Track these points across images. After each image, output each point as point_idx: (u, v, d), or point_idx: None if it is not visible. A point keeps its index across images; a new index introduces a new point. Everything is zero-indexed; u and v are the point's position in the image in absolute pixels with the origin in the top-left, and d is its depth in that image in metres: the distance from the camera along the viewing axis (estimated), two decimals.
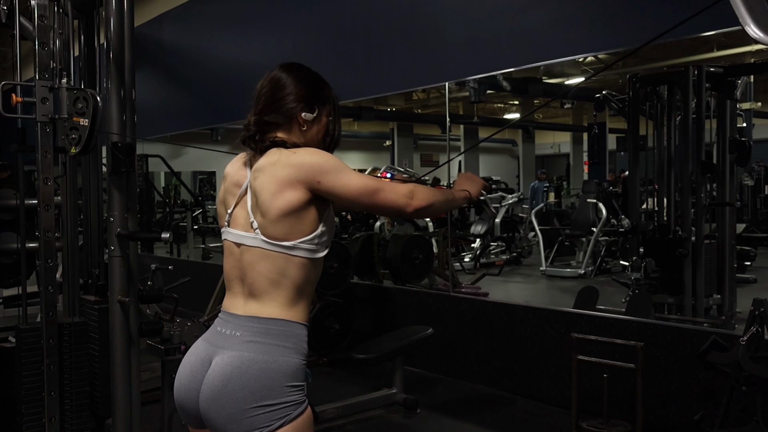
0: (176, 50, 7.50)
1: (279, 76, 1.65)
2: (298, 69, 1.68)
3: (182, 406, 1.59)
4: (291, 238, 1.53)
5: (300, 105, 1.63)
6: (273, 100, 1.63)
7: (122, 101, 2.74)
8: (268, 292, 1.54)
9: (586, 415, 3.53)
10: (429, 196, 1.63)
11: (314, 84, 1.68)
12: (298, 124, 1.64)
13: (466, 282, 6.36)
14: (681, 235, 4.64)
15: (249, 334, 1.52)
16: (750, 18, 1.21)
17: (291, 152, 1.57)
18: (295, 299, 1.55)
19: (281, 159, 1.55)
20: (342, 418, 3.76)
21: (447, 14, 4.57)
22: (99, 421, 3.30)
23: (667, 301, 4.66)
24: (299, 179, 1.52)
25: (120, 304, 2.73)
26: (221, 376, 1.49)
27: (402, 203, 1.58)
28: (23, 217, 2.98)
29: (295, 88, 1.63)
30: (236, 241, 1.60)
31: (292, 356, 1.52)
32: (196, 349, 1.61)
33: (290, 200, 1.52)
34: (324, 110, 1.68)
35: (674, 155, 4.86)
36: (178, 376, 1.60)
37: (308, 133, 1.66)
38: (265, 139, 1.61)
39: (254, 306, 1.55)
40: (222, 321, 1.60)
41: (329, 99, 1.69)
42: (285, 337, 1.53)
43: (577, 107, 12.46)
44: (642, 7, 3.55)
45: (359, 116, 11.45)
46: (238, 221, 1.61)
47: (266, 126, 1.62)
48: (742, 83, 4.97)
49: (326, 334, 4.80)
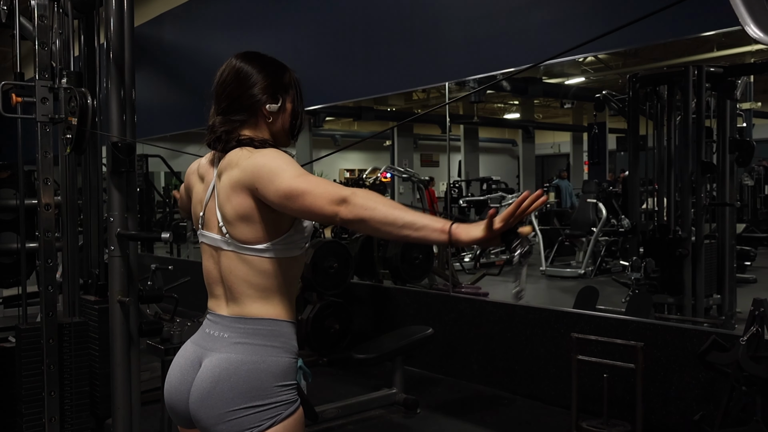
0: (176, 50, 7.50)
1: (239, 67, 1.57)
2: (257, 57, 1.60)
3: (172, 408, 1.58)
4: (261, 241, 1.49)
5: (264, 96, 1.55)
6: (237, 94, 1.55)
7: (122, 101, 2.74)
8: (248, 294, 1.52)
9: (586, 415, 3.53)
10: (369, 208, 1.32)
11: (275, 71, 1.59)
12: (264, 117, 1.57)
13: (466, 282, 6.35)
14: (681, 235, 4.64)
15: (236, 336, 1.50)
16: (750, 18, 1.21)
17: (249, 153, 1.50)
18: (277, 298, 1.53)
19: (239, 160, 1.50)
20: (342, 418, 3.76)
21: (447, 14, 4.57)
22: (99, 421, 3.31)
23: (667, 301, 4.66)
24: (245, 184, 1.47)
25: (120, 304, 2.73)
26: (210, 377, 1.48)
27: (328, 211, 1.36)
28: (23, 217, 2.98)
29: (258, 78, 1.55)
30: (211, 245, 1.57)
31: (281, 355, 1.50)
32: (185, 351, 1.60)
33: (241, 204, 1.48)
34: (288, 97, 1.60)
35: (674, 155, 4.86)
36: (168, 378, 1.59)
37: (274, 125, 1.58)
38: (230, 139, 1.54)
39: (237, 307, 1.53)
40: (209, 322, 1.58)
41: (290, 84, 1.60)
42: (273, 337, 1.51)
43: (577, 107, 12.45)
44: (642, 7, 3.55)
45: (359, 116, 11.44)
46: (210, 224, 1.57)
47: (231, 124, 1.55)
48: (742, 83, 4.97)
49: (326, 334, 4.80)
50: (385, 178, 8.79)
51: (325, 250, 4.76)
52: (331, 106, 7.83)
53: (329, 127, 13.55)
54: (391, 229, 1.32)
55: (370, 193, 1.36)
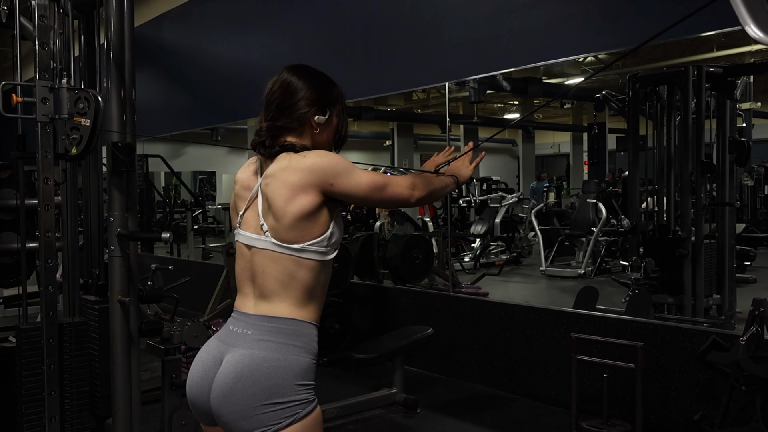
0: (176, 50, 7.50)
1: (289, 80, 1.65)
2: (307, 71, 1.69)
3: (194, 404, 1.61)
4: (301, 240, 1.54)
5: (312, 109, 1.64)
6: (285, 105, 1.63)
7: (122, 101, 2.75)
8: (278, 293, 1.55)
9: (586, 415, 3.53)
10: (427, 185, 1.70)
11: (324, 86, 1.69)
12: (311, 128, 1.65)
13: (466, 282, 6.35)
14: (681, 235, 4.64)
15: (260, 333, 1.54)
16: (750, 18, 1.21)
17: (301, 156, 1.57)
18: (305, 300, 1.57)
19: (291, 164, 1.56)
20: (342, 418, 3.76)
21: (447, 14, 4.57)
22: (99, 421, 3.31)
23: (667, 301, 4.66)
24: (312, 183, 1.53)
25: (120, 304, 2.73)
26: (232, 373, 1.50)
27: (406, 195, 1.64)
28: (23, 217, 2.98)
29: (307, 92, 1.64)
30: (247, 243, 1.62)
31: (303, 355, 1.53)
32: (208, 347, 1.63)
33: (304, 204, 1.53)
34: (334, 111, 1.69)
35: (674, 155, 4.86)
36: (190, 374, 1.62)
37: (320, 136, 1.67)
38: (274, 144, 1.62)
39: (265, 306, 1.56)
40: (234, 320, 1.62)
41: (338, 98, 1.71)
42: (296, 336, 1.54)
43: (577, 107, 12.45)
44: (642, 7, 3.55)
45: (359, 116, 11.43)
46: (249, 224, 1.63)
47: (278, 131, 1.63)
48: (742, 83, 4.97)
49: (326, 334, 4.80)
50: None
51: None
52: None
53: None
54: (442, 192, 1.77)
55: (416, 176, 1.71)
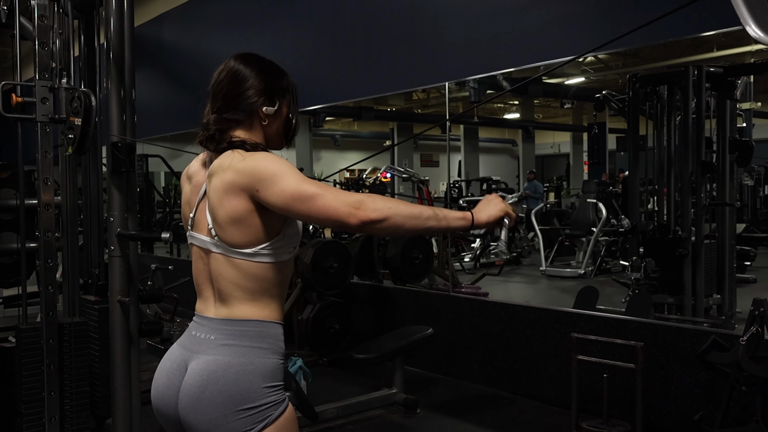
0: (176, 50, 7.50)
1: (237, 69, 1.56)
2: (255, 60, 1.60)
3: (160, 412, 1.56)
4: (250, 245, 1.48)
5: (261, 99, 1.55)
6: (232, 95, 1.54)
7: (122, 101, 2.74)
8: (237, 296, 1.51)
9: (586, 415, 3.53)
10: (385, 208, 1.38)
11: (273, 75, 1.59)
12: (259, 119, 1.56)
13: (466, 282, 6.35)
14: (681, 235, 4.64)
15: (224, 337, 1.50)
16: (750, 18, 1.21)
17: (242, 156, 1.48)
18: (265, 300, 1.52)
19: (232, 163, 1.47)
20: (342, 418, 3.76)
21: (447, 14, 4.57)
22: (99, 421, 3.31)
23: (667, 301, 4.66)
24: (242, 186, 1.45)
25: (120, 304, 2.73)
26: (198, 381, 1.47)
27: (343, 212, 1.37)
28: (23, 217, 2.98)
29: (255, 81, 1.55)
30: (201, 246, 1.56)
31: (269, 357, 1.50)
32: (171, 354, 1.59)
33: (234, 207, 1.46)
34: (284, 101, 1.59)
35: (674, 155, 4.86)
36: (154, 382, 1.58)
37: (269, 128, 1.58)
38: (223, 139, 1.53)
39: (226, 309, 1.52)
40: (196, 324, 1.58)
41: (288, 89, 1.61)
42: (260, 338, 1.50)
43: (577, 107, 12.46)
44: (642, 7, 3.55)
45: (359, 116, 11.45)
46: (200, 225, 1.56)
47: (226, 123, 1.54)
48: (742, 83, 4.97)
49: (326, 334, 4.80)
50: (385, 178, 8.79)
51: (325, 250, 4.76)
52: (331, 106, 7.83)
53: (329, 127, 13.55)
54: (416, 223, 1.42)
55: (379, 196, 1.42)
